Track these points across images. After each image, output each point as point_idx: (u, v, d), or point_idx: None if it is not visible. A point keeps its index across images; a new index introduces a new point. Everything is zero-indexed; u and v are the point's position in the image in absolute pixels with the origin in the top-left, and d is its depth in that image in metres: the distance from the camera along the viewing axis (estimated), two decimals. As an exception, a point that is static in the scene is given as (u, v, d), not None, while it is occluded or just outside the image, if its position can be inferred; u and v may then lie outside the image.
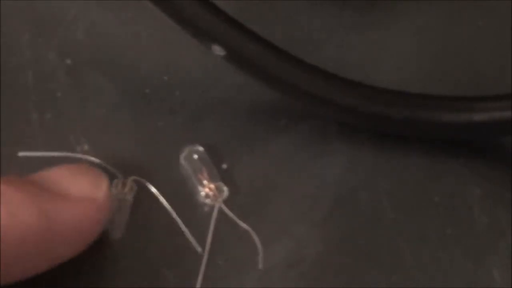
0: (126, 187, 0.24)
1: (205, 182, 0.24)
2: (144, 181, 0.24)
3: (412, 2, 0.28)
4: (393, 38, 0.27)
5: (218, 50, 0.23)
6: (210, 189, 0.24)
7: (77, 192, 0.21)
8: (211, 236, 0.24)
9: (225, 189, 0.24)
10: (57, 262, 0.21)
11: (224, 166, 0.25)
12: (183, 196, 0.24)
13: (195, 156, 0.25)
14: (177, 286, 0.23)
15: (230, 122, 0.26)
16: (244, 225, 0.24)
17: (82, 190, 0.21)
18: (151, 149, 0.25)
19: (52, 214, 0.20)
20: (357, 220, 0.24)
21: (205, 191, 0.24)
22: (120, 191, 0.24)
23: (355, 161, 0.25)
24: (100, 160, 0.24)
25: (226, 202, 0.24)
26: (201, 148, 0.25)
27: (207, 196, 0.24)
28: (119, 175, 0.24)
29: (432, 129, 0.24)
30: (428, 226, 0.24)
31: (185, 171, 0.25)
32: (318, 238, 0.24)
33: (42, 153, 0.24)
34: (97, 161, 0.24)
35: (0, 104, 0.25)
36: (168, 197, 0.24)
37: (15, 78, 0.26)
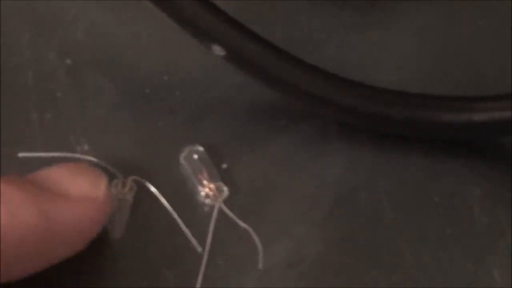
0: (126, 187, 0.24)
1: (205, 182, 0.24)
2: (144, 181, 0.24)
3: (412, 2, 0.28)
4: (393, 38, 0.27)
5: (218, 50, 0.23)
6: (210, 189, 0.24)
7: (77, 192, 0.21)
8: (211, 236, 0.24)
9: (225, 189, 0.24)
10: (57, 261, 0.21)
11: (224, 166, 0.25)
12: (183, 196, 0.24)
13: (195, 156, 0.25)
14: (177, 286, 0.23)
15: (230, 122, 0.26)
16: (244, 225, 0.24)
17: (82, 190, 0.22)
18: (151, 149, 0.25)
19: (52, 214, 0.20)
20: (357, 220, 0.24)
21: (205, 191, 0.24)
22: (120, 191, 0.24)
23: (355, 161, 0.25)
24: (100, 160, 0.24)
25: (226, 202, 0.24)
26: (201, 148, 0.25)
27: (207, 196, 0.24)
28: (119, 175, 0.24)
29: (432, 129, 0.24)
30: (428, 226, 0.24)
31: (185, 171, 0.25)
32: (318, 238, 0.24)
33: (42, 154, 0.24)
34: (97, 161, 0.24)
35: (0, 104, 0.25)
36: (168, 197, 0.24)
37: (15, 78, 0.26)
